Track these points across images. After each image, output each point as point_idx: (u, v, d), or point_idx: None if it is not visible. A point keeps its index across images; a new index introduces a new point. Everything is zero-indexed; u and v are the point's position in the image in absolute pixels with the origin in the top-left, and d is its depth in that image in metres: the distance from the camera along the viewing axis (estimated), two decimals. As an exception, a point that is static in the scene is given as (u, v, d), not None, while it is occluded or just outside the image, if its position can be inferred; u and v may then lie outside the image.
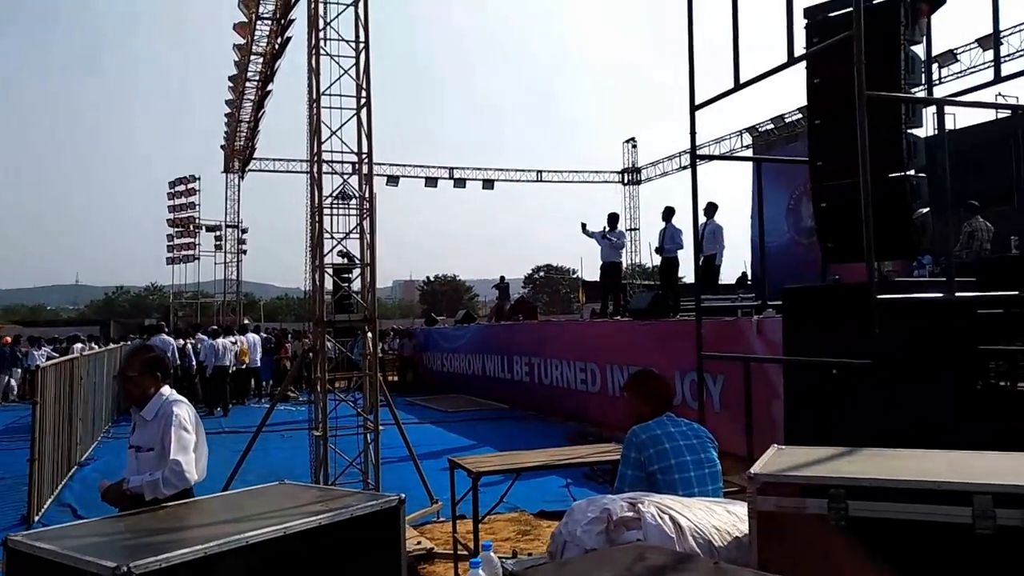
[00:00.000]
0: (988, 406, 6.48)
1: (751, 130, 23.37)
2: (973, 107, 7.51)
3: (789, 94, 5.60)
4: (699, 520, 2.31)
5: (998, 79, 5.97)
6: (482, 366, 17.17)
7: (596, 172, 31.93)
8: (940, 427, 4.41)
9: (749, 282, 17.02)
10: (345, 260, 7.24)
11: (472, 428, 12.48)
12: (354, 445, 6.66)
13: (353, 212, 6.61)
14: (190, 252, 30.71)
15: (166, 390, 3.63)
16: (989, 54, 15.34)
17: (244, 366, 16.80)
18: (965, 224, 9.64)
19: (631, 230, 29.89)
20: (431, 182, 29.58)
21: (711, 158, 10.55)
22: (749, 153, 22.78)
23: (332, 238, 6.49)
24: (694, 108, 5.94)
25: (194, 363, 15.85)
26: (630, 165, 31.16)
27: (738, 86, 5.57)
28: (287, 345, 20.63)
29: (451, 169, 30.01)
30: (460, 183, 29.82)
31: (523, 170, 31.15)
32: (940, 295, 4.85)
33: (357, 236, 6.62)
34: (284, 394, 13.04)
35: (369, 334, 6.78)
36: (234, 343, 16.25)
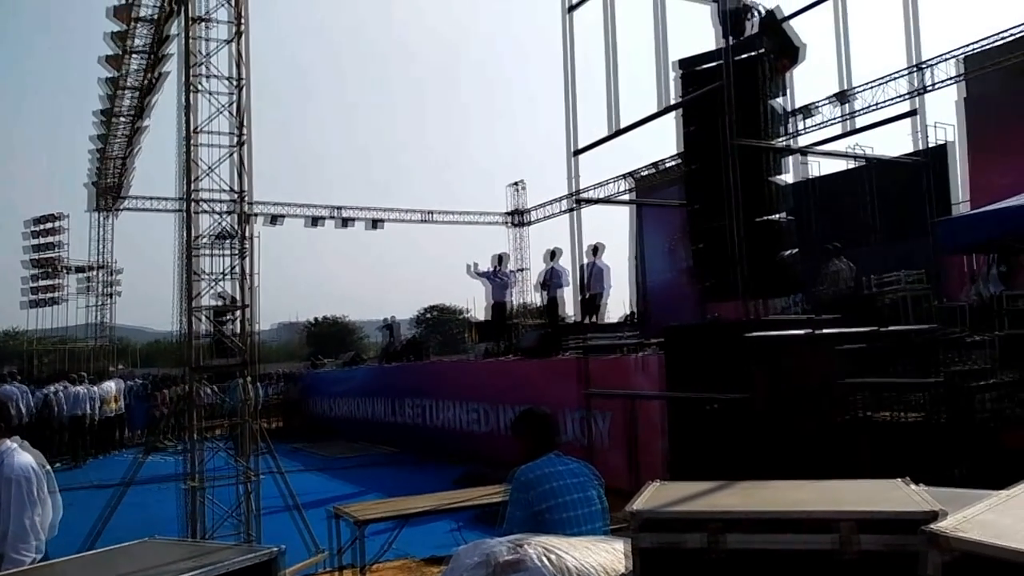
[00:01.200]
0: (854, 435, 6.90)
1: (633, 175, 24.25)
2: (830, 156, 8.08)
3: (670, 140, 5.87)
4: (583, 559, 2.33)
5: (851, 131, 6.45)
6: (370, 409, 16.82)
7: (484, 213, 32.24)
8: (811, 457, 4.63)
9: (635, 320, 17.51)
10: (223, 302, 6.98)
11: (359, 474, 12.16)
12: (232, 496, 6.36)
13: (228, 252, 6.40)
14: (54, 295, 28.74)
15: (8, 442, 3.37)
16: (847, 107, 16.64)
17: (113, 414, 15.80)
18: (829, 264, 10.29)
19: (519, 270, 30.24)
20: (315, 222, 29.02)
21: (592, 202, 10.87)
22: (630, 197, 23.63)
23: (207, 279, 6.25)
24: (575, 153, 6.12)
25: (55, 412, 14.79)
26: (517, 207, 31.63)
27: (616, 132, 5.79)
28: (162, 392, 19.58)
29: (336, 208, 29.53)
30: (343, 224, 29.39)
31: (411, 210, 31.06)
32: (807, 332, 5.14)
33: (235, 277, 6.41)
34: (155, 444, 12.33)
35: (247, 378, 6.53)
36: (93, 391, 15.28)
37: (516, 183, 32.04)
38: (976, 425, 7.20)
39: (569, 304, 12.85)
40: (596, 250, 11.85)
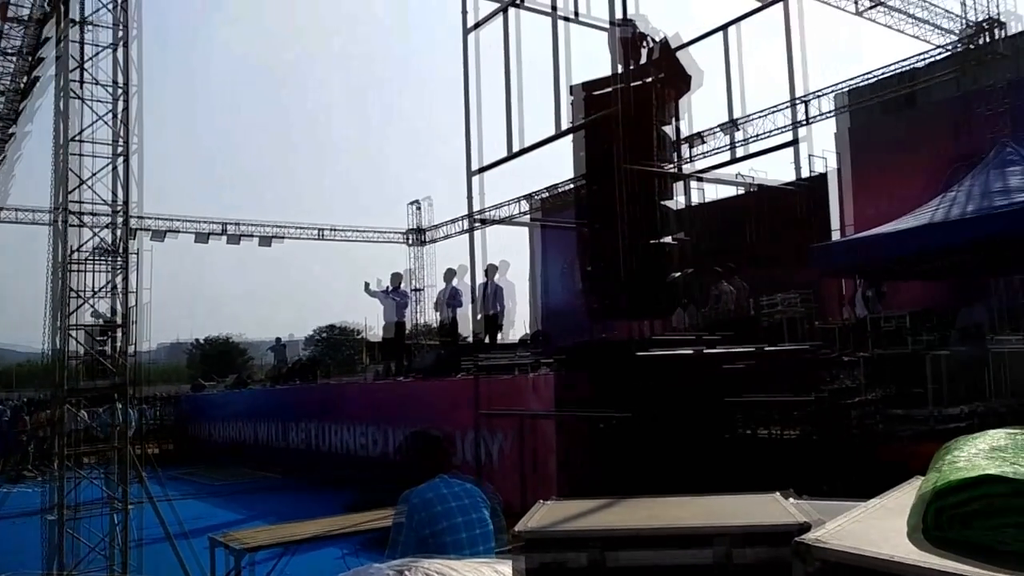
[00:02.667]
0: (738, 451, 7.15)
1: (534, 196, 24.58)
2: (717, 182, 8.44)
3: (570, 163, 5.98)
4: (468, 582, 2.29)
5: (737, 159, 6.75)
6: (258, 433, 16.24)
7: (382, 232, 31.89)
8: (697, 472, 4.77)
9: (529, 341, 17.65)
10: (100, 320, 6.59)
11: (245, 500, 11.69)
12: (107, 526, 5.98)
13: (108, 268, 6.06)
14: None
15: None
16: (741, 133, 17.44)
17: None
18: (713, 287, 10.69)
19: (417, 290, 30.04)
20: (202, 238, 27.95)
21: (490, 222, 10.93)
22: (530, 218, 23.93)
23: (83, 296, 5.90)
24: (473, 173, 6.15)
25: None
26: (416, 226, 31.46)
27: (514, 153, 5.85)
28: (35, 415, 18.26)
29: (225, 224, 28.53)
30: (235, 239, 28.44)
31: (308, 226, 30.36)
32: (690, 351, 5.31)
33: (113, 294, 6.07)
34: (19, 473, 11.48)
35: (124, 402, 6.17)
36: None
37: (417, 201, 31.88)
38: (848, 440, 7.61)
39: (469, 324, 12.83)
40: (496, 270, 11.85)
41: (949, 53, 15.35)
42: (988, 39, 14.50)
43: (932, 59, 15.79)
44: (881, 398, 8.57)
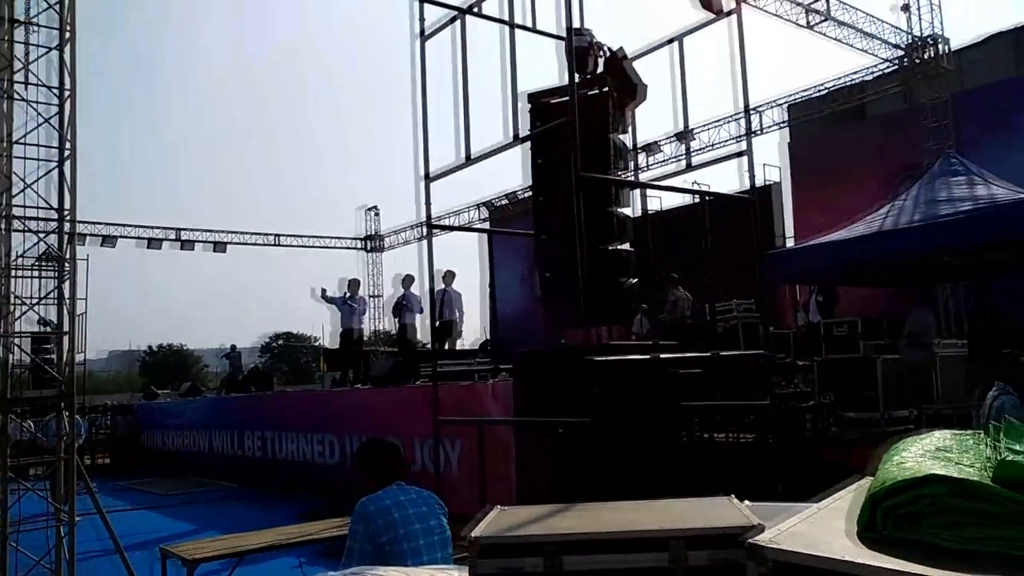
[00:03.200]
0: (693, 455, 7.23)
1: (488, 204, 24.62)
2: (668, 190, 8.53)
3: (523, 172, 6.00)
4: (423, 589, 2.28)
5: (686, 169, 6.86)
6: (211, 443, 15.93)
7: (338, 238, 31.63)
8: (652, 477, 4.80)
9: (488, 347, 17.65)
10: (44, 328, 6.41)
11: (197, 511, 11.45)
12: (51, 541, 5.80)
13: (51, 275, 5.89)
14: None
15: None
16: (692, 144, 17.69)
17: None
18: (669, 293, 10.82)
19: (373, 296, 29.86)
20: (155, 244, 27.38)
21: (446, 228, 10.92)
22: (486, 226, 23.95)
23: (23, 303, 5.72)
24: (426, 180, 6.13)
25: None
26: (372, 232, 31.26)
27: (468, 161, 5.84)
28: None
29: (178, 230, 28.01)
30: (188, 245, 27.92)
31: (259, 233, 29.95)
32: (647, 357, 5.35)
33: (59, 301, 5.90)
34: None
35: (67, 412, 6.00)
36: None
37: (372, 207, 31.67)
38: (802, 443, 7.75)
39: (424, 331, 12.77)
40: (448, 277, 11.83)
41: (896, 67, 15.77)
42: (933, 54, 14.93)
43: (880, 72, 16.21)
44: (834, 402, 8.76)
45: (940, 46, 14.92)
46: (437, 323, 10.26)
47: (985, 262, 9.57)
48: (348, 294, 12.99)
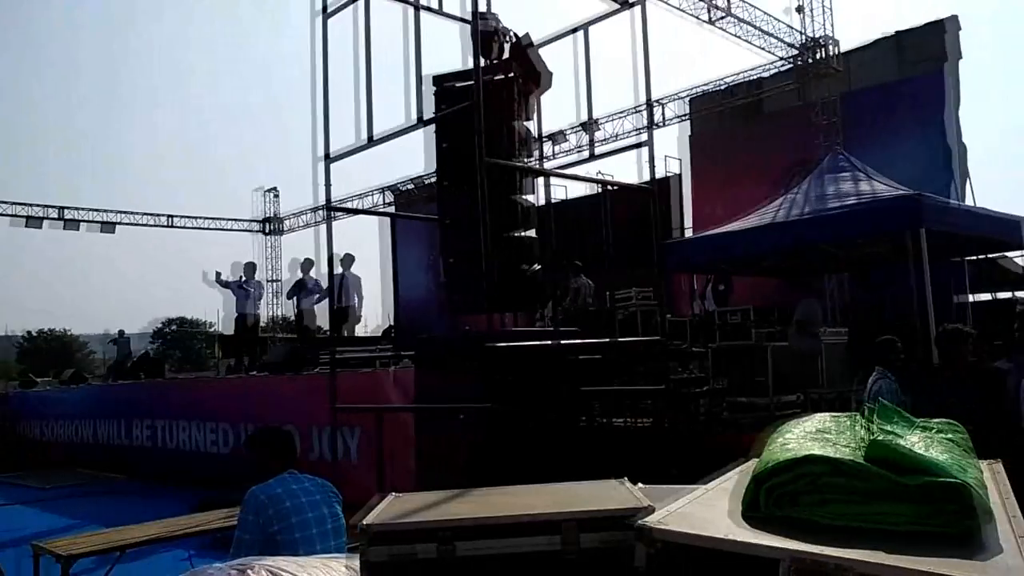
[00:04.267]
0: (590, 440, 7.35)
1: (393, 188, 24.30)
2: (572, 179, 8.62)
3: (430, 157, 5.90)
4: (314, 580, 2.22)
5: (589, 158, 6.95)
6: (96, 432, 15.15)
7: (235, 220, 30.57)
8: (552, 461, 4.85)
9: (392, 334, 17.46)
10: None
11: (77, 505, 10.86)
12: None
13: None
14: None
15: None
16: (596, 134, 17.92)
17: None
18: (572, 281, 10.95)
19: (271, 281, 29.03)
20: (33, 222, 25.73)
21: (345, 211, 10.68)
22: (393, 209, 23.65)
23: None
24: (328, 160, 5.97)
25: None
26: (271, 214, 30.34)
27: (370, 142, 5.72)
28: None
29: (60, 208, 26.41)
30: (71, 224, 26.37)
31: (151, 214, 28.61)
32: (548, 343, 5.39)
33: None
34: None
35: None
36: None
37: (271, 188, 30.71)
38: (696, 426, 8.00)
39: (323, 317, 12.49)
40: (347, 260, 11.56)
41: (790, 66, 16.41)
42: (823, 55, 15.62)
43: (776, 70, 16.84)
44: (726, 387, 9.08)
45: (830, 47, 15.61)
46: (337, 308, 10.07)
47: (867, 254, 10.11)
48: (243, 278, 12.56)
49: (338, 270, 10.91)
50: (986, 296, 15.12)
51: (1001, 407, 5.00)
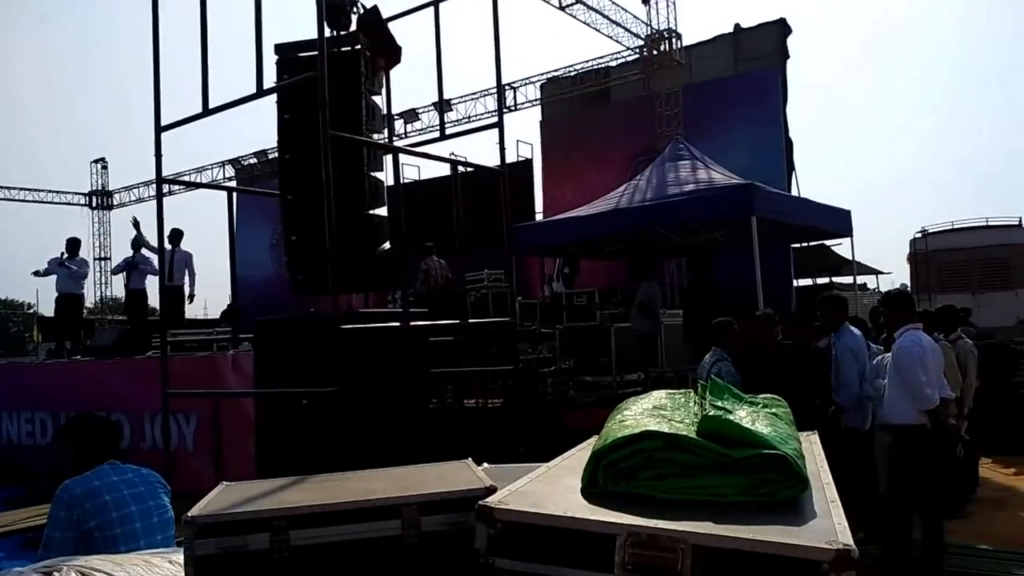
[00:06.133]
0: (441, 421, 7.33)
1: (236, 162, 23.16)
2: (423, 157, 8.51)
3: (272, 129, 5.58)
4: (132, 580, 2.04)
5: (443, 137, 6.87)
6: None
7: (59, 192, 28.14)
8: (401, 445, 4.77)
9: (233, 315, 16.66)
10: None
11: None
12: None
13: None
14: None
15: None
16: (450, 115, 17.83)
17: None
18: (423, 262, 10.85)
19: (100, 259, 26.99)
20: None
21: (180, 183, 10.07)
22: (235, 184, 22.53)
23: None
24: (160, 130, 5.56)
25: None
26: (100, 187, 28.15)
27: (206, 111, 5.37)
28: None
29: None
30: None
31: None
32: (397, 324, 5.28)
33: None
34: None
35: None
36: None
37: (98, 160, 28.45)
38: (543, 406, 8.16)
39: (156, 297, 11.65)
40: (175, 236, 10.78)
41: (637, 56, 16.99)
42: (668, 47, 16.28)
43: (623, 60, 17.40)
44: (573, 367, 9.33)
45: (674, 41, 16.30)
46: (169, 287, 9.47)
47: (704, 240, 10.66)
48: (64, 255, 11.50)
49: (171, 245, 10.25)
50: (808, 281, 16.42)
51: (822, 383, 5.42)
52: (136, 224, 11.10)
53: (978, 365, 6.86)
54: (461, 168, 6.46)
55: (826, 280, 17.77)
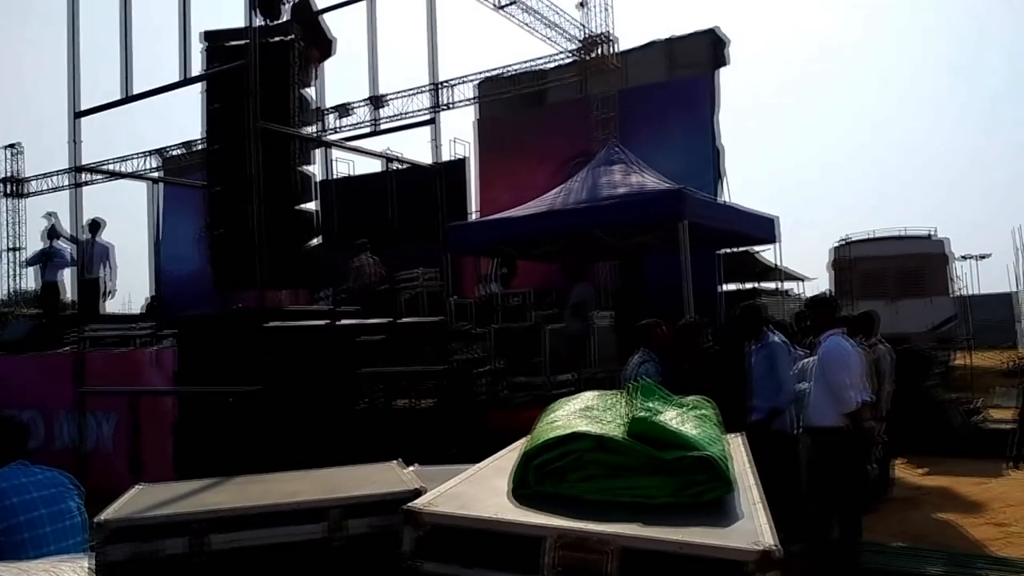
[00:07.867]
0: (370, 421, 7.23)
1: (160, 152, 22.38)
2: (355, 152, 8.38)
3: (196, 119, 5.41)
4: (33, 588, 1.94)
5: (376, 132, 6.77)
6: None
7: (-31, 180, 26.66)
8: (328, 445, 4.67)
9: (154, 309, 16.11)
10: None
11: None
12: None
13: None
14: None
15: None
16: (384, 111, 17.59)
17: None
18: (354, 260, 10.69)
19: (12, 249, 25.75)
20: None
21: (101, 172, 9.66)
22: (159, 175, 21.80)
23: None
24: (77, 115, 5.32)
25: None
26: (12, 175, 26.80)
27: (128, 98, 5.17)
28: None
29: None
30: None
31: None
32: (326, 322, 5.19)
33: None
34: None
35: None
36: None
37: (10, 145, 27.04)
38: (474, 406, 8.13)
39: (73, 290, 11.15)
40: (94, 226, 10.31)
41: (573, 59, 17.09)
42: (603, 51, 16.43)
43: (559, 62, 17.47)
44: (505, 367, 9.32)
45: (610, 45, 16.45)
46: (87, 279, 9.10)
47: (635, 242, 10.80)
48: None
49: (86, 237, 9.82)
50: (735, 286, 16.81)
51: (745, 386, 5.53)
52: (51, 214, 10.63)
53: (893, 369, 7.12)
54: (396, 164, 6.38)
55: (752, 285, 18.23)
